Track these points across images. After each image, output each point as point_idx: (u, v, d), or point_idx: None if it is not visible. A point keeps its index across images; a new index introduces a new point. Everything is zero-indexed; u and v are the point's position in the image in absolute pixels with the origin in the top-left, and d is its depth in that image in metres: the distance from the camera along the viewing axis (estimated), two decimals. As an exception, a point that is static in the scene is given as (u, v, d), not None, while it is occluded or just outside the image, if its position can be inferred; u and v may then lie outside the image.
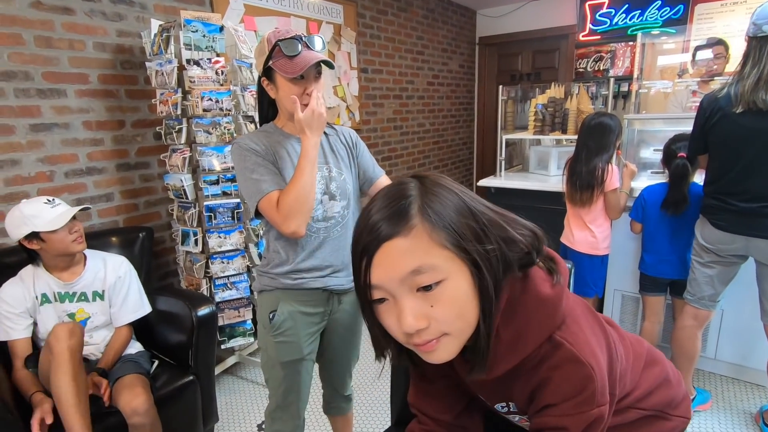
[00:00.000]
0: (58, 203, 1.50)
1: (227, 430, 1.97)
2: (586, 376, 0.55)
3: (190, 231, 2.04)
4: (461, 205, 0.54)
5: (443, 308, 0.52)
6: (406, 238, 0.52)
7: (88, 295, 1.58)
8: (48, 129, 1.86)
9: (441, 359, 0.55)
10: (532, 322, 0.56)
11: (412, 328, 0.52)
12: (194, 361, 1.72)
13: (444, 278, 0.51)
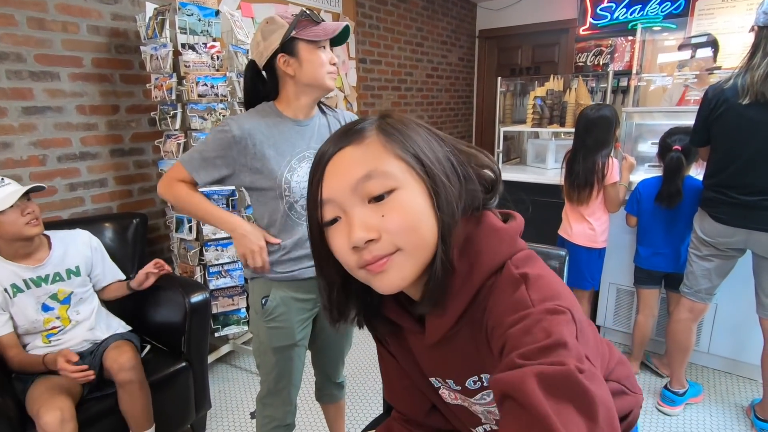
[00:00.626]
0: (7, 183, 1.41)
1: (220, 417, 1.97)
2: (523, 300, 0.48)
3: (184, 218, 2.03)
4: (423, 128, 0.54)
5: (395, 217, 0.49)
6: (359, 146, 0.51)
7: (62, 274, 1.54)
8: (41, 112, 1.84)
9: (393, 283, 0.50)
10: (483, 249, 0.52)
11: (361, 240, 0.48)
12: (187, 347, 1.71)
13: (396, 187, 0.49)
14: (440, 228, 0.50)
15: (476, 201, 0.54)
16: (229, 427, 1.92)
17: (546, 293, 0.48)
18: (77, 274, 1.59)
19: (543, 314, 0.45)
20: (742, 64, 1.58)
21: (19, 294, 1.46)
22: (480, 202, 0.55)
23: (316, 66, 1.15)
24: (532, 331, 0.43)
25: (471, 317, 0.53)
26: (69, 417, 1.30)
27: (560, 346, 0.41)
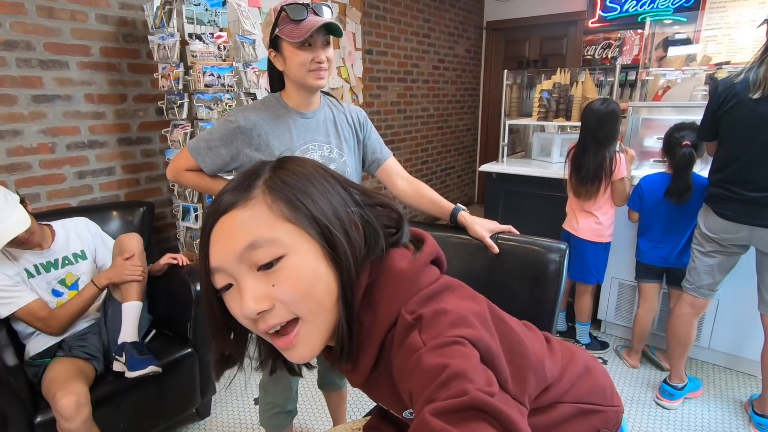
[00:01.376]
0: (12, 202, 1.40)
1: (225, 402, 2.02)
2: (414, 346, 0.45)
3: (191, 207, 2.05)
4: (320, 176, 0.50)
5: (285, 286, 0.46)
6: (243, 209, 0.47)
7: (70, 258, 1.60)
8: (50, 100, 1.86)
9: (303, 355, 0.49)
10: (382, 300, 0.50)
11: (253, 312, 0.46)
12: (193, 333, 1.75)
13: (285, 253, 0.46)
14: (340, 286, 0.48)
15: (379, 247, 0.52)
16: (233, 412, 1.96)
17: (441, 329, 0.45)
18: (83, 257, 1.63)
19: (434, 350, 0.43)
20: (754, 59, 1.56)
21: (31, 279, 1.51)
22: (383, 247, 0.52)
23: (296, 65, 1.14)
24: (427, 371, 0.41)
25: (386, 363, 0.52)
26: (84, 401, 1.34)
27: (457, 377, 0.39)
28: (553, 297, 0.95)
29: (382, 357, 0.51)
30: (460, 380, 0.39)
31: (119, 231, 1.90)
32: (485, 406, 0.36)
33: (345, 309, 0.48)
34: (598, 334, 2.49)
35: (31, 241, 1.47)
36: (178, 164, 1.27)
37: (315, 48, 1.13)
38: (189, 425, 1.88)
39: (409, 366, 0.44)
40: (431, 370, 0.41)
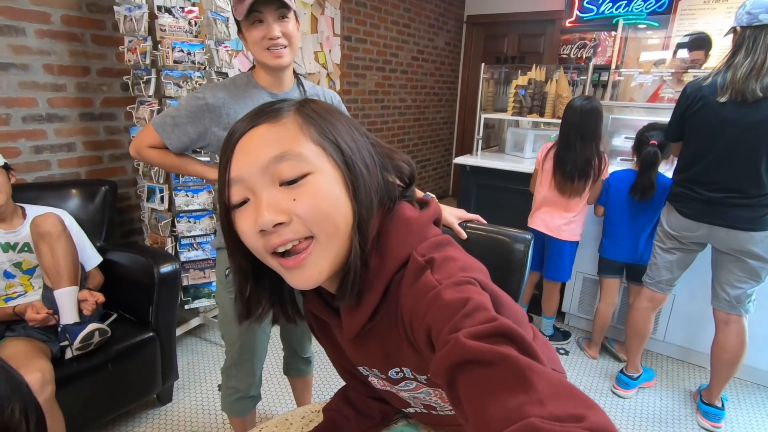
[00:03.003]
0: None
1: (187, 388, 1.98)
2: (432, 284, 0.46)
3: (156, 187, 1.98)
4: (345, 118, 0.53)
5: (307, 201, 0.46)
6: (274, 125, 0.48)
7: (31, 245, 1.52)
8: (4, 69, 1.75)
9: (310, 278, 0.48)
10: (392, 241, 0.51)
11: (270, 223, 0.45)
12: (155, 318, 1.70)
13: (311, 171, 0.47)
14: (356, 218, 0.49)
15: (393, 194, 0.54)
16: (196, 398, 1.92)
17: (452, 272, 0.47)
18: None
19: (452, 287, 0.44)
20: (722, 63, 1.62)
21: None
22: (395, 196, 0.54)
23: (251, 44, 1.12)
24: (449, 305, 0.43)
25: (386, 311, 0.52)
26: (49, 379, 1.30)
27: (481, 309, 0.41)
28: (516, 286, 0.97)
29: (384, 303, 0.52)
30: (483, 312, 0.41)
31: (79, 210, 1.82)
32: (513, 333, 0.38)
33: (359, 241, 0.49)
34: (561, 326, 2.57)
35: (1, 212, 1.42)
36: (141, 141, 1.22)
37: (267, 24, 1.09)
38: (149, 411, 1.83)
39: (426, 302, 0.45)
40: (453, 303, 0.42)
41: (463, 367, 0.37)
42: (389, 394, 0.67)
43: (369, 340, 0.56)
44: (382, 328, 0.54)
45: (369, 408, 0.74)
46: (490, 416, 0.33)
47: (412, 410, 0.69)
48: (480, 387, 0.36)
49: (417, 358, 0.53)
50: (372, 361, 0.61)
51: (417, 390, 0.61)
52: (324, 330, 0.67)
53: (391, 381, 0.61)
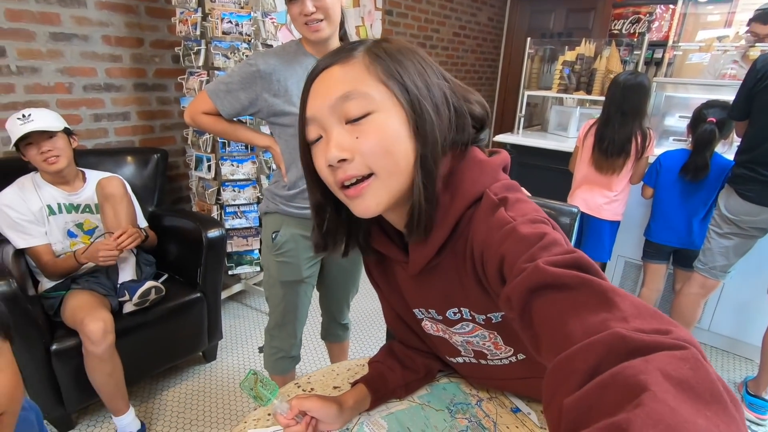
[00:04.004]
0: (30, 120, 1.43)
1: (230, 348, 2.08)
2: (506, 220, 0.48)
3: (204, 156, 2.06)
4: (419, 57, 0.53)
5: (368, 139, 0.49)
6: (344, 66, 0.51)
7: (92, 207, 1.63)
8: (68, 39, 1.85)
9: (368, 207, 0.52)
10: (465, 179, 0.53)
11: (334, 158, 0.50)
12: (202, 279, 1.79)
13: (373, 110, 0.49)
14: (418, 157, 0.50)
15: (465, 135, 0.54)
16: (238, 358, 2.03)
17: (526, 211, 0.49)
18: None
19: (527, 223, 0.46)
20: None
21: (51, 216, 1.55)
22: (469, 138, 0.55)
23: (292, 19, 1.16)
24: (525, 237, 0.44)
25: (453, 248, 0.55)
26: (110, 328, 1.41)
27: (557, 243, 0.42)
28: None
29: (452, 239, 0.54)
30: (560, 246, 0.42)
31: (133, 176, 1.92)
32: (591, 265, 0.39)
33: (422, 178, 0.50)
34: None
35: (62, 173, 1.53)
36: (196, 107, 1.27)
37: (302, 1, 1.10)
38: (195, 368, 1.95)
39: (501, 234, 0.46)
40: (529, 237, 0.44)
41: (542, 291, 0.38)
42: (440, 341, 0.69)
43: (432, 277, 0.58)
44: (447, 264, 0.56)
45: (413, 362, 0.76)
46: (569, 331, 0.34)
47: (460, 360, 0.71)
48: (559, 308, 0.36)
49: (480, 295, 0.55)
50: (431, 300, 0.62)
51: (472, 333, 0.63)
52: (384, 271, 0.69)
53: (447, 322, 0.63)
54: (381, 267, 0.69)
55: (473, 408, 0.75)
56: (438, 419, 0.72)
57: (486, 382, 0.76)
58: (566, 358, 0.32)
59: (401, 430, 0.69)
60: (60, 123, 1.51)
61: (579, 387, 0.29)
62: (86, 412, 1.65)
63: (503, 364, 0.67)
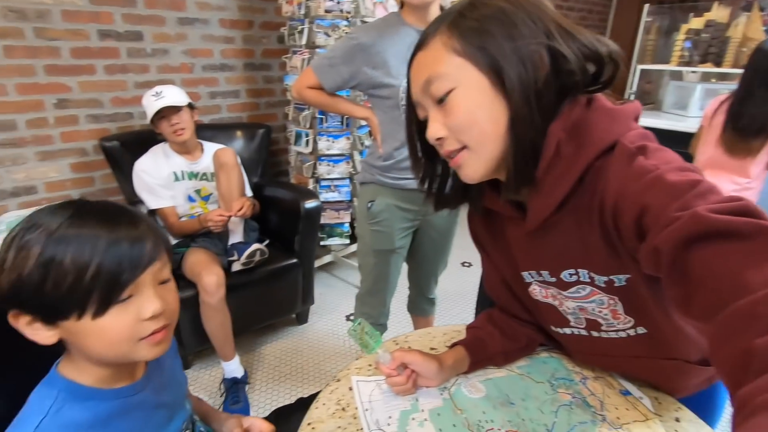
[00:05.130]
0: (162, 97, 1.62)
1: (320, 314, 2.21)
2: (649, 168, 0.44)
3: (303, 132, 2.18)
4: (503, 12, 0.49)
5: (453, 117, 0.52)
6: (424, 50, 0.53)
7: (208, 175, 1.80)
8: (191, 23, 2.05)
9: (468, 176, 0.55)
10: (592, 128, 0.49)
11: (433, 137, 0.54)
12: (299, 246, 1.91)
13: (453, 87, 0.51)
14: (510, 118, 0.50)
15: (579, 82, 0.49)
16: (327, 324, 2.15)
17: (669, 159, 0.45)
18: None
19: (674, 171, 0.42)
20: None
21: (176, 182, 1.75)
22: (586, 82, 0.50)
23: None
24: (674, 185, 0.40)
25: (577, 203, 0.52)
26: (222, 282, 1.57)
27: (714, 192, 0.38)
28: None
29: (575, 194, 0.51)
30: (718, 194, 0.39)
31: (242, 149, 2.10)
32: (763, 215, 0.35)
33: (515, 138, 0.51)
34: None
35: (186, 144, 1.72)
36: (302, 82, 1.34)
37: None
38: (289, 328, 2.11)
39: (642, 183, 0.44)
40: (680, 184, 0.41)
41: (704, 240, 0.35)
42: (548, 309, 0.67)
43: (549, 234, 0.56)
44: (568, 220, 0.54)
45: (514, 331, 0.74)
46: (745, 282, 0.31)
47: (568, 331, 0.68)
48: (731, 258, 0.34)
49: (604, 254, 0.52)
50: (545, 261, 0.61)
51: (588, 297, 0.60)
52: (493, 232, 0.68)
53: (560, 285, 0.61)
54: (489, 227, 0.69)
55: (577, 385, 0.71)
56: (539, 391, 0.70)
57: (594, 358, 0.72)
58: (749, 304, 0.30)
59: (500, 395, 0.69)
60: (185, 99, 1.69)
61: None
62: (200, 355, 1.87)
63: (618, 338, 0.63)
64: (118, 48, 1.89)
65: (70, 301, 0.49)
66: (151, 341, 0.54)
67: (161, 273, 0.54)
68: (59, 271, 0.48)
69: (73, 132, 1.88)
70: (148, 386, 0.62)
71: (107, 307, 0.50)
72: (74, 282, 0.48)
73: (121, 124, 1.98)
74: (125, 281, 0.50)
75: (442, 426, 0.62)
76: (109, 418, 0.55)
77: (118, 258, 0.50)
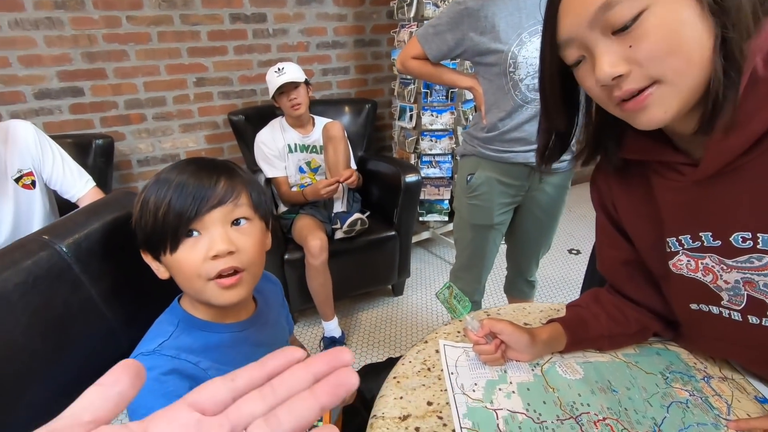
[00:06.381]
0: (283, 73, 1.74)
1: (415, 288, 2.25)
2: None
3: (407, 107, 2.18)
4: None
5: (645, 44, 0.42)
6: None
7: (317, 148, 1.91)
8: (308, 3, 2.16)
9: (654, 117, 0.45)
10: None
11: (608, 76, 0.44)
12: (398, 219, 1.95)
13: (645, 7, 0.41)
14: (718, 39, 0.41)
15: None
16: (421, 297, 2.18)
17: None
18: None
19: None
20: None
21: (290, 153, 1.90)
22: None
23: None
24: None
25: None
26: (326, 246, 1.69)
27: None
28: None
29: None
30: None
31: (348, 124, 2.18)
32: None
33: (723, 64, 0.42)
34: None
35: (301, 118, 1.84)
36: (406, 53, 1.34)
37: None
38: (385, 298, 2.18)
39: None
40: None
41: None
42: (691, 286, 0.56)
43: (724, 184, 0.48)
44: (756, 168, 0.45)
45: (624, 315, 0.67)
46: None
47: (715, 311, 0.56)
48: None
49: None
50: (711, 219, 0.51)
51: (764, 270, 0.49)
52: (630, 192, 0.60)
53: (725, 251, 0.51)
54: (625, 187, 0.60)
55: (698, 382, 0.62)
56: (648, 382, 0.62)
57: (736, 351, 0.60)
58: None
59: (600, 380, 0.63)
60: (302, 75, 1.81)
61: None
62: (303, 314, 2.04)
63: None
64: (246, 29, 2.08)
65: (156, 236, 0.57)
66: (221, 284, 0.56)
67: (233, 214, 0.58)
68: (146, 209, 0.56)
69: (208, 107, 2.13)
70: (254, 326, 0.68)
71: (178, 241, 0.56)
72: (155, 218, 0.56)
73: (246, 100, 2.19)
74: (189, 217, 0.55)
75: (530, 401, 0.59)
76: (217, 347, 0.62)
77: (184, 196, 0.55)
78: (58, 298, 0.56)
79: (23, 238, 0.58)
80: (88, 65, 1.84)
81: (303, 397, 0.20)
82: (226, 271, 0.56)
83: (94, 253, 0.61)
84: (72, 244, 0.58)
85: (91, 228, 0.62)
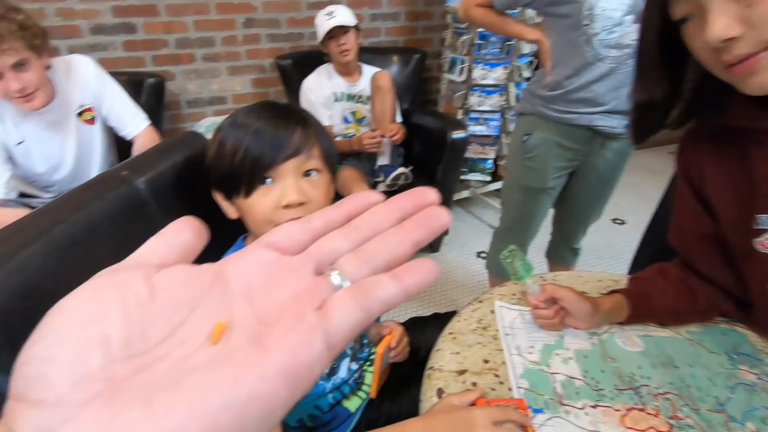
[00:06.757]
0: (333, 17, 1.67)
1: (452, 246, 2.25)
2: None
3: (458, 59, 2.08)
4: None
5: (766, 6, 0.39)
6: None
7: (364, 98, 1.87)
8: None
9: (763, 83, 0.42)
10: None
11: (717, 39, 0.41)
12: (441, 176, 1.92)
13: None
14: None
15: None
16: (457, 256, 2.18)
17: None
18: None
19: None
20: None
21: (335, 102, 1.86)
22: None
23: None
24: None
25: None
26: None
27: None
28: None
29: None
30: None
31: (395, 74, 2.10)
32: None
33: None
34: None
35: (349, 65, 1.80)
36: (468, 1, 1.25)
37: None
38: (421, 254, 2.19)
39: None
40: None
41: None
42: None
43: None
44: None
45: (692, 291, 0.64)
46: None
47: None
48: None
49: None
50: None
51: None
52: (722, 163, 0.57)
53: None
54: (715, 157, 0.57)
55: (766, 366, 0.60)
56: (712, 361, 0.61)
57: None
58: None
59: (661, 355, 0.62)
60: (353, 20, 1.74)
61: None
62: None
63: None
64: (296, -33, 2.00)
65: (232, 178, 0.58)
66: None
67: (305, 165, 0.58)
68: (223, 151, 0.57)
69: (256, 50, 2.10)
70: None
71: (253, 186, 0.57)
72: (231, 162, 0.57)
73: (294, 44, 2.14)
74: (265, 165, 0.56)
75: (588, 368, 0.59)
76: None
77: (261, 143, 0.56)
78: (138, 233, 0.58)
79: (103, 174, 0.60)
80: (140, 1, 1.83)
81: (393, 233, 0.18)
82: None
83: (167, 191, 0.63)
84: (149, 181, 0.60)
85: (164, 167, 0.64)
